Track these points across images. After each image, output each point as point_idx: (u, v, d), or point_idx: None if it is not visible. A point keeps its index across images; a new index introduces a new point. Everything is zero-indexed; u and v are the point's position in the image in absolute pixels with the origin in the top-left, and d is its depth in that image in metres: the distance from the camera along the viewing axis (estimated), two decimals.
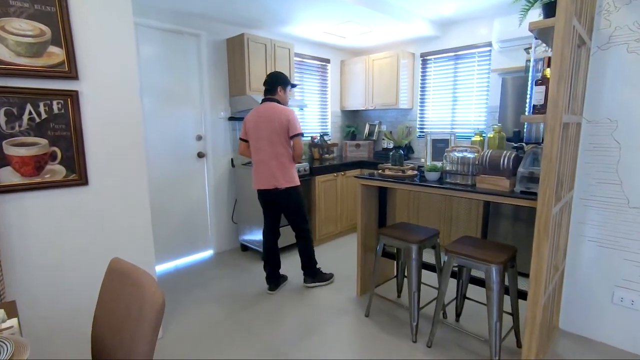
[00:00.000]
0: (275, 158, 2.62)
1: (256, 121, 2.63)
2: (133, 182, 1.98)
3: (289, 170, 2.67)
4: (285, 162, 2.64)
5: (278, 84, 2.69)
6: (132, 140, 1.95)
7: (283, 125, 2.57)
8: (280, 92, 2.70)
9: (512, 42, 3.23)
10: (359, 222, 2.61)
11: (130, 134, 1.94)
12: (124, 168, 1.94)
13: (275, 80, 2.69)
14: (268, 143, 2.61)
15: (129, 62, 1.90)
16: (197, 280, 2.99)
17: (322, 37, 3.98)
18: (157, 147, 3.13)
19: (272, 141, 2.60)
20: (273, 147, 2.61)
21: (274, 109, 2.60)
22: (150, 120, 3.07)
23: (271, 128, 2.58)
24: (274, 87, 2.68)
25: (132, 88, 1.93)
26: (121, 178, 1.93)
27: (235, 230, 3.74)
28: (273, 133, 2.58)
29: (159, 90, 3.10)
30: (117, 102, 1.88)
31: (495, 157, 1.97)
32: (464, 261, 1.89)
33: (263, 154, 2.64)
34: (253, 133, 2.65)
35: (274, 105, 2.62)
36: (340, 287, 2.85)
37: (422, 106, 4.27)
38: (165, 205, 3.24)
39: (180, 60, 3.21)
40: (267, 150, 2.62)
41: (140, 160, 1.99)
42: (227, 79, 3.50)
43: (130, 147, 1.95)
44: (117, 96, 1.87)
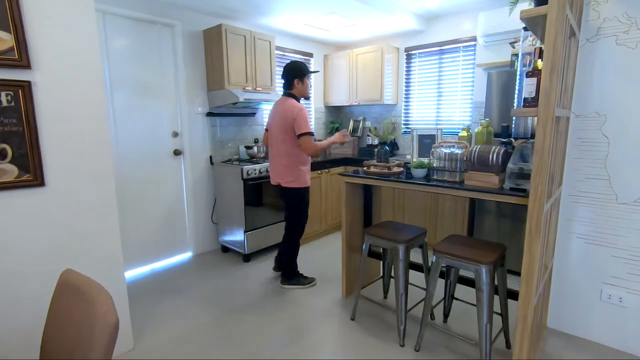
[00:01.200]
0: (280, 156, 2.60)
1: (272, 116, 2.65)
2: (98, 182, 1.81)
3: (291, 170, 2.59)
4: (288, 162, 2.58)
5: (294, 76, 2.57)
6: (97, 136, 1.78)
7: (288, 123, 2.49)
8: (298, 85, 2.59)
9: (497, 36, 3.18)
10: (344, 221, 2.51)
11: (94, 130, 1.77)
12: (88, 167, 1.77)
13: (289, 72, 2.57)
14: (276, 140, 2.60)
15: (91, 50, 1.73)
16: (175, 285, 2.83)
17: (304, 29, 3.85)
18: (129, 145, 2.94)
19: (279, 139, 2.57)
20: (279, 144, 2.58)
21: (284, 106, 2.55)
22: (122, 115, 2.87)
23: (279, 125, 2.54)
24: (289, 80, 2.59)
25: (96, 79, 1.76)
26: (84, 178, 1.76)
27: (215, 231, 3.58)
28: (280, 131, 2.54)
29: (131, 83, 2.90)
30: (78, 95, 1.71)
31: (484, 153, 1.90)
32: (453, 261, 1.81)
33: (272, 150, 2.66)
34: (270, 128, 2.68)
35: (286, 101, 2.56)
36: (326, 288, 2.75)
37: (406, 102, 4.20)
38: (139, 205, 3.05)
39: (154, 52, 3.02)
40: (275, 146, 2.63)
41: (106, 158, 1.83)
42: (205, 72, 3.33)
43: (94, 144, 1.78)
44: (78, 88, 1.70)
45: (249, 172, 3.12)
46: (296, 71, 2.56)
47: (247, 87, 3.30)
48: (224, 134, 3.54)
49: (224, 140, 3.55)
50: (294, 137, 2.51)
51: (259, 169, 3.19)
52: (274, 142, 2.63)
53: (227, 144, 3.59)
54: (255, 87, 3.38)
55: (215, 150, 3.48)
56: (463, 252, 1.80)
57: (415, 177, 2.18)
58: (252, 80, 3.35)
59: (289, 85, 2.60)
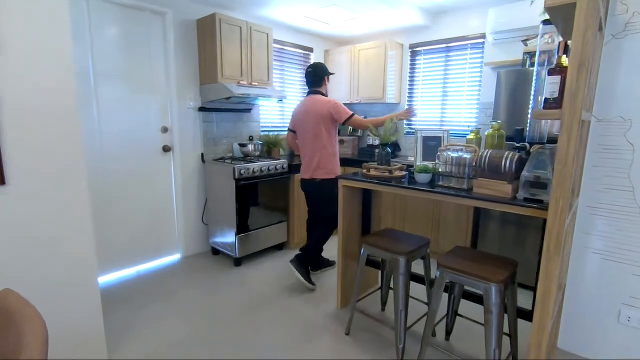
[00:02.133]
0: (319, 150, 2.68)
1: (301, 114, 2.71)
2: (68, 181, 1.63)
3: (332, 162, 2.73)
4: (328, 154, 2.70)
5: (325, 74, 2.76)
6: (65, 130, 1.60)
7: (326, 116, 2.63)
8: (326, 83, 2.80)
9: (508, 33, 3.00)
10: (340, 228, 2.34)
11: (63, 124, 1.59)
12: (56, 165, 1.59)
13: (322, 71, 2.75)
14: (312, 136, 2.68)
15: (59, 32, 1.55)
16: (160, 289, 2.66)
17: (304, 22, 3.66)
18: (114, 139, 2.76)
19: (315, 133, 2.67)
20: (316, 140, 2.67)
21: (316, 101, 2.67)
22: (106, 109, 2.69)
23: (314, 122, 2.64)
24: (321, 78, 2.75)
25: (65, 67, 1.58)
26: (52, 176, 1.59)
27: (206, 232, 3.41)
28: (315, 125, 2.65)
29: (117, 75, 2.72)
30: (44, 84, 1.53)
31: (496, 159, 1.72)
32: (459, 278, 1.64)
33: (307, 147, 2.73)
34: (299, 127, 2.74)
35: (316, 97, 2.69)
36: (320, 298, 2.58)
37: (410, 101, 4.02)
38: (125, 204, 2.88)
39: (143, 41, 2.84)
40: (310, 143, 2.70)
41: (77, 155, 1.65)
42: (197, 64, 3.15)
43: (62, 139, 1.60)
44: (44, 76, 1.52)
45: (242, 171, 2.94)
46: (325, 70, 2.76)
47: (242, 82, 3.12)
48: (216, 130, 3.36)
49: (216, 137, 3.37)
50: (333, 128, 2.70)
51: (252, 169, 3.02)
52: (309, 138, 2.70)
53: (221, 140, 3.41)
54: (251, 81, 3.19)
55: (207, 147, 3.31)
56: (470, 267, 1.63)
57: (418, 183, 2.01)
58: (248, 75, 3.17)
59: (320, 83, 2.75)
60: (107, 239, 2.80)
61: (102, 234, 2.76)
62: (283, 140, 3.76)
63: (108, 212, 2.78)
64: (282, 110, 4.01)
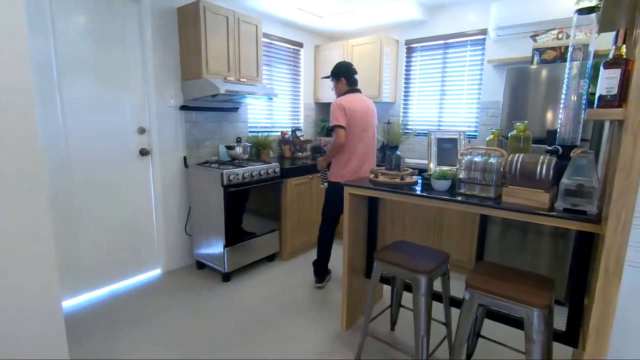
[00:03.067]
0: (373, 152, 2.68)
1: (360, 110, 2.55)
2: (23, 191, 1.31)
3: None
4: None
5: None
6: (21, 133, 1.28)
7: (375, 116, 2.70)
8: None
9: (513, 29, 2.85)
10: (346, 240, 2.10)
11: (14, 125, 1.27)
12: (8, 173, 1.27)
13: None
14: (372, 133, 2.64)
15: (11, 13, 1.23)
16: (137, 313, 2.33)
17: (295, 15, 3.40)
18: (83, 142, 2.41)
19: (373, 131, 2.65)
20: (372, 138, 2.65)
21: (366, 100, 2.65)
22: (73, 107, 2.34)
23: (372, 120, 2.63)
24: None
25: (17, 55, 1.26)
26: (3, 187, 1.26)
27: (189, 244, 3.09)
28: (372, 123, 2.64)
29: (86, 68, 2.37)
30: None
31: (530, 164, 1.53)
32: (495, 301, 1.43)
33: (364, 144, 2.59)
34: (359, 122, 2.54)
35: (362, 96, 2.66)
36: (321, 317, 2.33)
37: (405, 100, 3.83)
38: (96, 215, 2.53)
39: (116, 31, 2.50)
40: (367, 140, 2.61)
41: (36, 161, 1.33)
42: (179, 58, 2.83)
43: (17, 142, 1.28)
44: None
45: (231, 177, 2.65)
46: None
47: (229, 77, 2.82)
48: (200, 131, 3.05)
49: (200, 138, 3.06)
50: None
51: (242, 174, 2.73)
52: (371, 135, 2.62)
53: (205, 142, 3.09)
54: (239, 77, 2.90)
55: (190, 150, 2.99)
56: (507, 289, 1.42)
57: (436, 190, 1.80)
58: (235, 70, 2.88)
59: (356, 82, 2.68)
60: (74, 256, 2.45)
61: (69, 251, 2.40)
62: (273, 142, 3.49)
63: (76, 225, 2.42)
64: (270, 109, 3.73)
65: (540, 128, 2.51)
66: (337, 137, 2.45)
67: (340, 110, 2.46)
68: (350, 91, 2.59)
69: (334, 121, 2.46)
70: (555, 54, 2.50)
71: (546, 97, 2.45)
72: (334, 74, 2.63)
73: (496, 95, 3.18)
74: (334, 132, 2.47)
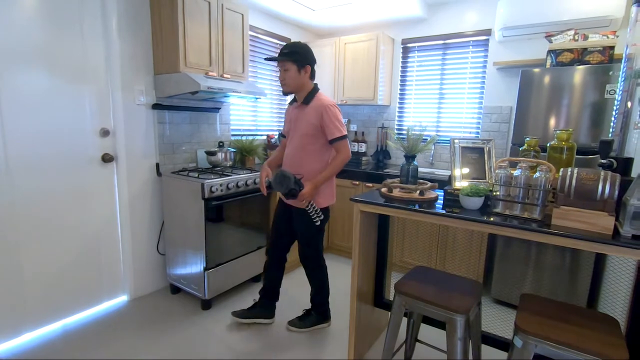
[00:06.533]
0: None
1: None
2: None
3: None
4: None
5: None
6: None
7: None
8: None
9: (522, 29, 2.65)
10: (355, 263, 1.79)
11: None
12: None
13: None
14: None
15: None
16: (98, 353, 1.90)
17: (284, 6, 3.06)
18: (27, 146, 1.95)
19: None
20: None
21: None
22: (15, 102, 1.89)
23: None
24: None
25: None
26: None
27: (162, 265, 2.66)
28: None
29: (33, 57, 1.93)
30: None
31: (589, 181, 1.28)
32: (558, 352, 1.16)
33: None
34: None
35: None
36: (321, 352, 1.99)
37: (401, 103, 3.58)
38: (44, 234, 2.07)
39: (72, 12, 2.06)
40: None
41: None
42: (151, 48, 2.41)
43: None
44: None
45: (214, 188, 2.27)
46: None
47: (211, 72, 2.44)
48: (176, 133, 2.63)
49: (176, 142, 2.64)
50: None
51: (226, 184, 2.35)
52: None
53: (181, 147, 2.68)
54: (222, 72, 2.53)
55: (163, 156, 2.57)
56: (572, 337, 1.16)
57: (466, 209, 1.52)
58: (218, 64, 2.50)
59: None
60: (15, 285, 1.98)
61: (7, 279, 1.93)
62: (259, 146, 3.12)
63: (17, 247, 1.96)
64: (255, 110, 3.36)
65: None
66: (345, 151, 1.92)
67: (341, 114, 1.95)
68: (317, 89, 1.99)
69: (340, 130, 1.89)
70: (572, 57, 2.32)
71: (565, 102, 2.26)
72: (299, 58, 1.87)
73: (501, 100, 2.99)
74: (336, 144, 1.92)
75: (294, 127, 2.00)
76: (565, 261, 2.30)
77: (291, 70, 1.88)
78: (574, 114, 2.24)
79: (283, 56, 1.88)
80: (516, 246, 2.45)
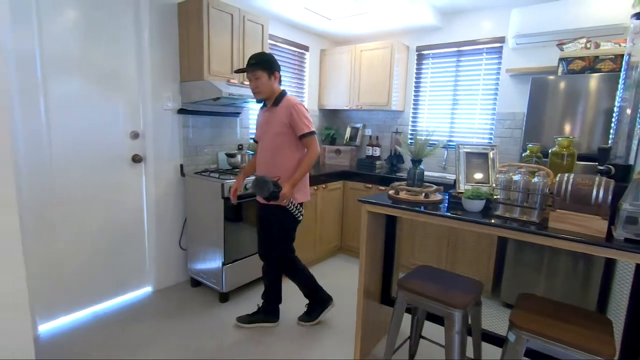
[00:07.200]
0: None
1: None
2: None
3: None
4: None
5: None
6: None
7: None
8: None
9: (536, 37, 2.69)
10: (362, 262, 1.89)
11: None
12: None
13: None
14: None
15: None
16: (124, 341, 2.07)
17: (302, 16, 3.21)
18: (68, 146, 2.17)
19: None
20: None
21: None
22: (59, 108, 2.10)
23: None
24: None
25: None
26: None
27: (184, 259, 2.84)
28: None
29: (75, 67, 2.14)
30: None
31: (583, 186, 1.34)
32: (548, 346, 1.23)
33: None
34: None
35: None
36: (331, 346, 2.10)
37: (415, 109, 3.66)
38: (80, 226, 2.27)
39: (110, 27, 2.27)
40: None
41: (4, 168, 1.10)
42: (178, 57, 2.61)
43: None
44: None
45: None
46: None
47: (233, 80, 2.61)
48: (199, 137, 2.82)
49: (199, 145, 2.83)
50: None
51: (244, 184, 2.50)
52: None
53: (203, 149, 2.86)
54: (243, 80, 2.69)
55: (187, 158, 2.75)
56: (562, 332, 1.22)
57: (468, 211, 1.60)
58: None
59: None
60: (53, 273, 2.19)
61: (45, 267, 2.15)
62: None
63: (55, 238, 2.17)
64: None
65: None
66: (314, 146, 2.03)
67: (308, 113, 2.07)
68: (285, 92, 2.10)
69: (309, 126, 2.02)
70: (583, 64, 2.35)
71: (574, 110, 2.29)
72: (269, 66, 2.00)
73: (514, 106, 3.02)
74: (305, 140, 2.02)
75: (265, 129, 2.09)
76: (577, 267, 2.31)
77: (262, 78, 1.99)
78: (584, 121, 2.27)
79: (253, 66, 1.99)
80: (527, 251, 2.48)
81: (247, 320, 2.28)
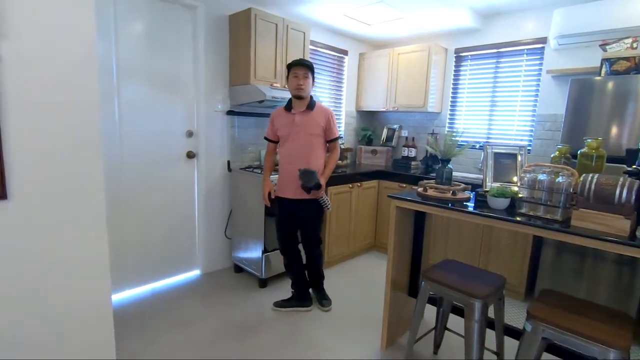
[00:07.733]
0: None
1: None
2: (82, 195, 1.36)
3: None
4: None
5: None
6: (83, 134, 1.33)
7: None
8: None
9: (579, 37, 2.64)
10: (390, 255, 2.02)
11: (80, 126, 1.32)
12: (69, 175, 1.32)
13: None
14: None
15: (83, 18, 1.28)
16: (176, 314, 2.36)
17: (341, 22, 3.38)
18: (135, 144, 2.51)
19: None
20: None
21: None
22: (129, 110, 2.44)
23: None
24: None
25: (86, 58, 1.31)
26: (63, 189, 1.31)
27: (228, 247, 3.12)
28: None
29: (141, 73, 2.47)
30: (61, 79, 1.26)
31: (607, 186, 1.38)
32: (562, 337, 1.29)
33: None
34: None
35: None
36: (359, 334, 2.24)
37: (452, 111, 3.68)
38: (142, 214, 2.61)
39: (171, 37, 2.59)
40: None
41: (95, 163, 1.38)
42: (228, 64, 2.89)
43: (79, 146, 1.33)
44: (62, 70, 1.26)
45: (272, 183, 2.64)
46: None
47: (275, 84, 2.84)
48: (244, 136, 3.09)
49: (244, 143, 3.09)
50: None
51: None
52: None
53: (248, 147, 3.13)
54: (285, 84, 2.91)
55: (234, 155, 3.03)
56: (578, 324, 1.28)
57: (493, 209, 1.68)
58: (282, 76, 2.89)
59: None
60: (122, 253, 2.53)
61: (116, 248, 2.49)
62: None
63: (123, 223, 2.52)
64: None
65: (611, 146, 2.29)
66: (338, 149, 2.43)
67: None
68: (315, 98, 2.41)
69: (337, 132, 2.39)
70: (628, 65, 2.29)
71: (617, 112, 2.24)
72: (314, 73, 2.31)
73: (555, 108, 2.97)
74: (333, 143, 2.38)
75: (295, 129, 2.28)
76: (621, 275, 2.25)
77: (309, 79, 2.26)
78: (625, 122, 2.21)
79: (308, 67, 2.26)
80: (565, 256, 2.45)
81: (282, 305, 2.49)
